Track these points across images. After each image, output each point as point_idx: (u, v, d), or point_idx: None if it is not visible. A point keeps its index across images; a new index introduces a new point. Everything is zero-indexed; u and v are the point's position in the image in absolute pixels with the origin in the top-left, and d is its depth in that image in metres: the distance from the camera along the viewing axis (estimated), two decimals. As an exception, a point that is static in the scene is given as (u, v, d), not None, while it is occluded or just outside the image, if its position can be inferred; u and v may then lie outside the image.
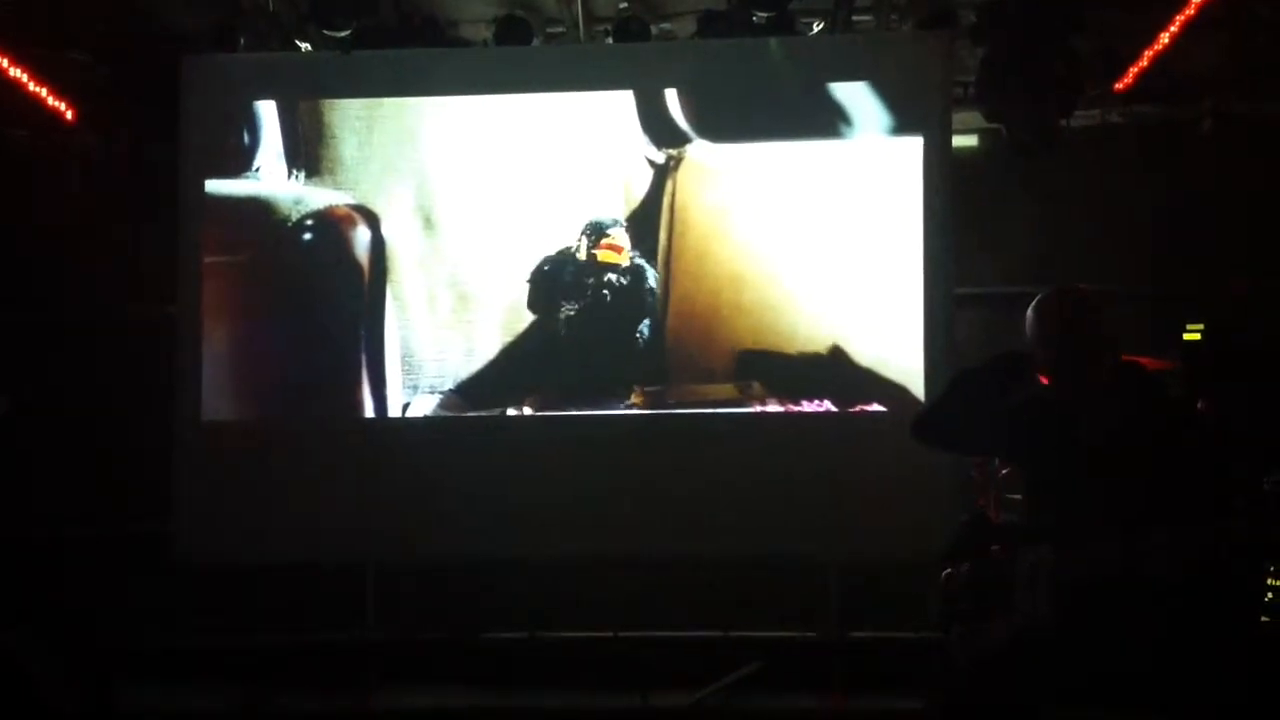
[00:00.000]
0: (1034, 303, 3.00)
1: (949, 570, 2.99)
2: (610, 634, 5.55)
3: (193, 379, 5.36)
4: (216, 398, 5.38)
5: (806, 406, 5.16)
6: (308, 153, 5.39)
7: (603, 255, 5.28)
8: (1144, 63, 5.28)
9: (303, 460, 5.32)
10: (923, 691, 4.00)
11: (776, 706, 5.31)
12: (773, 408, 5.16)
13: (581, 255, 5.29)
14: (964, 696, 2.81)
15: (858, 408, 5.15)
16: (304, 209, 5.41)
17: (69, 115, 5.59)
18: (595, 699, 5.32)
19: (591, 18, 5.51)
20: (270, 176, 5.41)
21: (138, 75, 5.33)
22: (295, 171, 5.40)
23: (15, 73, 5.31)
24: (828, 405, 5.17)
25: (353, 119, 5.38)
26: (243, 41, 5.45)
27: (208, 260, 5.40)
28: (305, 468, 5.31)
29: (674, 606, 5.55)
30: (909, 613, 5.32)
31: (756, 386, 5.21)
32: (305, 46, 5.56)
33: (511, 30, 5.39)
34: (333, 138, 5.39)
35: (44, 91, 5.45)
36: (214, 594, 5.56)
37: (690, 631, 5.55)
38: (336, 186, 5.39)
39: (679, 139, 5.31)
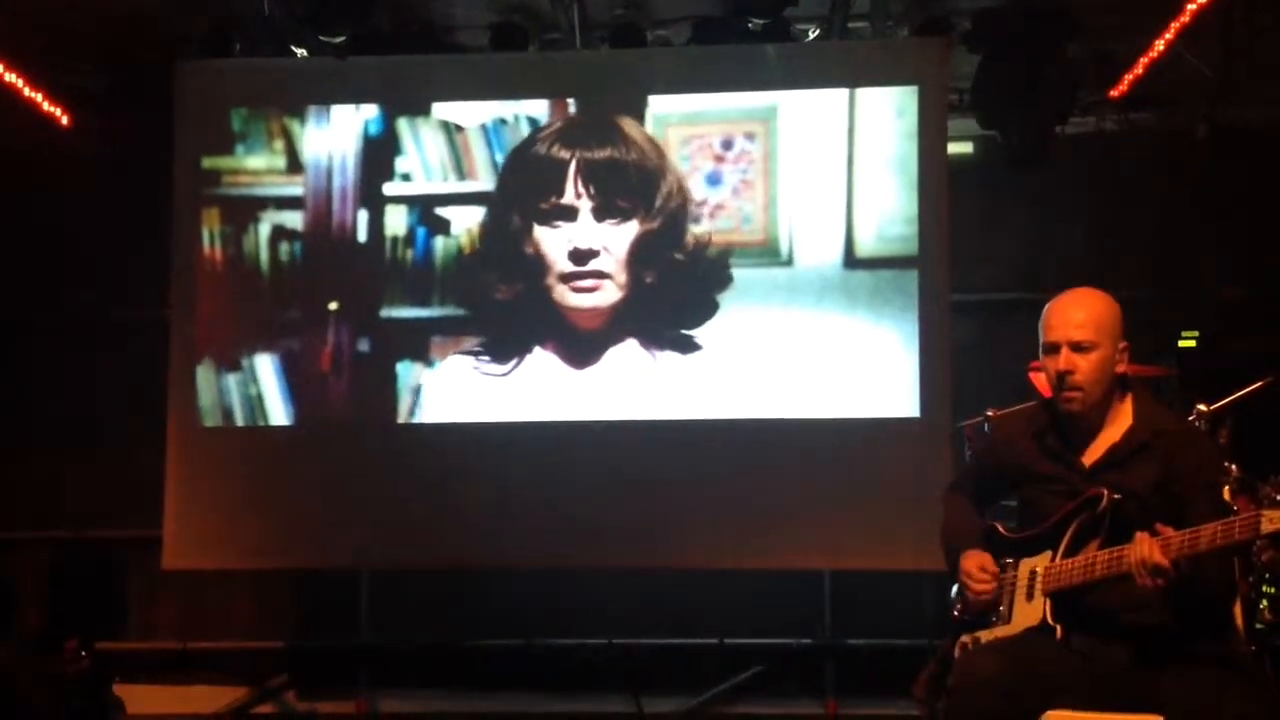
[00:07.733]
0: None
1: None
2: (605, 640, 5.55)
3: (188, 383, 5.34)
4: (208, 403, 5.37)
5: (800, 413, 5.15)
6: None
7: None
8: (1139, 70, 5.28)
9: (296, 465, 5.31)
10: (917, 697, 3.99)
11: (772, 713, 5.32)
12: (765, 414, 5.15)
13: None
14: (963, 701, 2.82)
15: (851, 415, 5.14)
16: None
17: (64, 120, 5.58)
18: (589, 705, 5.32)
19: (587, 24, 5.51)
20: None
21: (133, 80, 5.33)
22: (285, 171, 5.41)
23: (10, 78, 5.31)
24: (822, 412, 5.15)
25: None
26: (238, 47, 5.45)
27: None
28: (299, 473, 5.30)
29: (669, 613, 5.55)
30: (904, 619, 5.32)
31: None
32: (301, 53, 5.55)
33: (507, 36, 5.39)
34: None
35: (39, 97, 5.45)
36: (207, 599, 5.55)
37: (685, 638, 5.55)
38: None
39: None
